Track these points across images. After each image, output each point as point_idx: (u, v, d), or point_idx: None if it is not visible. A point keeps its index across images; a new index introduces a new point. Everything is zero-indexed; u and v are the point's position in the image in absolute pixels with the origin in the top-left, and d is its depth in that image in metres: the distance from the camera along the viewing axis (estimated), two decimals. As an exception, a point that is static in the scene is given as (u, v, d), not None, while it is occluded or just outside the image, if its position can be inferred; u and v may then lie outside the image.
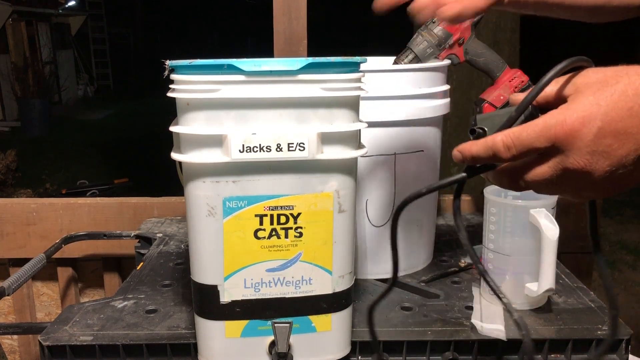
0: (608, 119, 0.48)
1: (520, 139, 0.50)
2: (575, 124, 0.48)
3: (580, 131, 0.48)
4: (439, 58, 1.06)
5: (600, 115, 0.48)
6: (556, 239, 0.82)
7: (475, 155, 0.54)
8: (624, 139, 0.48)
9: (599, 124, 0.48)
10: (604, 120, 0.48)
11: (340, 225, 0.73)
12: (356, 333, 0.82)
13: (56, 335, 0.83)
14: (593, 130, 0.48)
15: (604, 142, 0.48)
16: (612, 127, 0.48)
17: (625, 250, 3.91)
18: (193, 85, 0.67)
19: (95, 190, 5.22)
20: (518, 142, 0.50)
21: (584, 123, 0.48)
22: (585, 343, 0.82)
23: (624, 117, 0.47)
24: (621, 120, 0.48)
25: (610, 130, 0.48)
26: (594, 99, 0.48)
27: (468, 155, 0.54)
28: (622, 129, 0.48)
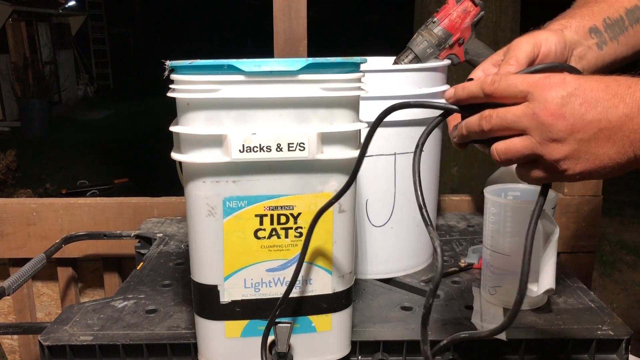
0: (583, 86, 0.54)
1: (504, 79, 0.57)
2: (554, 80, 0.55)
3: (556, 86, 0.55)
4: (439, 58, 1.06)
5: (577, 83, 0.55)
6: (556, 239, 0.82)
7: (466, 87, 0.61)
8: (593, 105, 0.54)
9: (574, 86, 0.55)
10: (578, 87, 0.54)
11: (340, 225, 0.73)
12: (356, 333, 0.82)
13: (56, 335, 0.83)
14: (568, 89, 0.54)
15: (574, 101, 0.54)
16: (585, 94, 0.54)
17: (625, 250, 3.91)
18: (193, 85, 0.67)
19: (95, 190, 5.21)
20: (503, 80, 0.57)
21: (561, 83, 0.55)
22: (585, 343, 0.82)
23: (598, 89, 0.54)
24: (594, 91, 0.54)
25: (583, 95, 0.54)
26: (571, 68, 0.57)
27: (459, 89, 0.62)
28: (593, 98, 0.54)
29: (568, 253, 1.35)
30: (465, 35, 1.05)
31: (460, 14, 1.05)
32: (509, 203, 0.87)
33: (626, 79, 0.55)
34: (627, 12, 0.72)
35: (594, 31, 0.70)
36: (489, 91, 0.58)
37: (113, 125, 9.41)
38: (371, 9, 16.69)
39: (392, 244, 1.02)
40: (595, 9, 0.72)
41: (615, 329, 0.83)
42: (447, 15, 1.05)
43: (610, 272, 3.60)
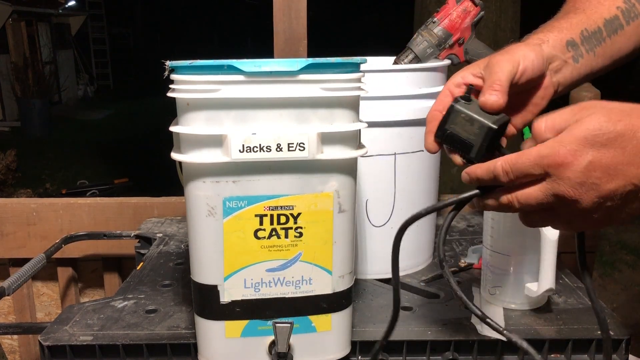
0: (599, 154, 0.51)
1: (517, 166, 0.55)
2: (568, 156, 0.52)
3: (572, 163, 0.52)
4: (439, 58, 1.06)
5: (593, 151, 0.52)
6: (556, 239, 0.82)
7: (479, 177, 0.59)
8: (613, 174, 0.52)
9: (590, 158, 0.52)
10: (595, 156, 0.52)
11: (340, 225, 0.73)
12: (356, 333, 0.82)
13: (56, 335, 0.83)
14: (583, 164, 0.52)
15: (594, 175, 0.52)
16: (602, 163, 0.51)
17: (625, 250, 3.91)
18: (193, 85, 0.67)
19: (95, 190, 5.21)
20: (515, 169, 0.55)
21: (576, 156, 0.52)
22: (585, 343, 0.82)
23: (616, 155, 0.51)
24: (612, 158, 0.51)
25: (601, 165, 0.52)
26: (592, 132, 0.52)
27: (474, 177, 0.60)
28: (612, 165, 0.51)
29: (568, 253, 1.35)
30: (465, 35, 1.05)
31: (460, 14, 1.05)
32: (509, 203, 0.87)
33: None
34: (605, 23, 0.72)
35: (571, 44, 0.70)
36: (505, 181, 0.57)
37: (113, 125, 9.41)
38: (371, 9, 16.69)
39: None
40: (574, 21, 0.72)
41: (615, 329, 0.83)
42: (447, 15, 1.05)
43: (610, 272, 3.60)
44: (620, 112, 0.52)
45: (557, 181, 0.53)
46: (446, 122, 0.62)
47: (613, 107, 0.53)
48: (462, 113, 0.61)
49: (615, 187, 0.52)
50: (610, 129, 0.51)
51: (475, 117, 0.60)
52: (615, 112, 0.52)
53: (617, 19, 0.73)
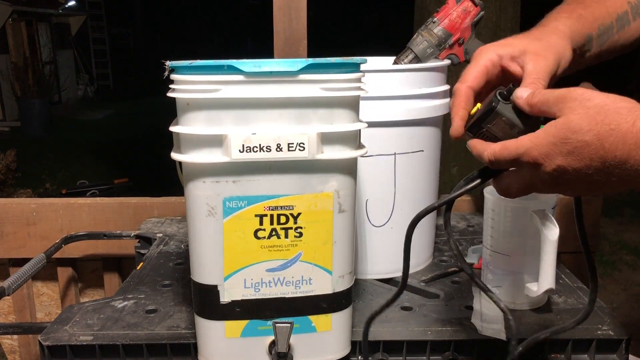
0: (568, 160, 0.55)
1: (501, 157, 0.60)
2: (539, 158, 0.56)
3: (543, 165, 0.57)
4: (439, 58, 1.06)
5: (561, 156, 0.55)
6: (556, 239, 0.82)
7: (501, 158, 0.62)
8: (581, 175, 0.55)
9: (558, 162, 0.56)
10: (563, 161, 0.55)
11: (340, 225, 0.73)
12: (356, 333, 0.82)
13: (56, 335, 0.83)
14: (553, 166, 0.56)
15: (564, 177, 0.56)
16: (570, 167, 0.55)
17: (625, 250, 3.91)
18: (193, 85, 0.67)
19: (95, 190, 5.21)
20: (499, 158, 0.60)
21: (546, 159, 0.56)
22: (585, 343, 0.82)
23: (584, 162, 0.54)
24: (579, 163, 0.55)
25: (569, 169, 0.55)
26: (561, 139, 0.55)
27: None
28: (580, 168, 0.55)
29: (568, 253, 1.35)
30: (465, 35, 1.05)
31: (460, 14, 1.05)
32: (509, 203, 0.87)
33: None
34: (617, 19, 0.72)
35: (589, 39, 0.70)
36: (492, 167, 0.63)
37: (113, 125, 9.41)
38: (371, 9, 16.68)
39: (392, 244, 1.02)
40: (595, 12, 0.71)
41: (615, 329, 0.83)
42: (447, 15, 1.05)
43: (610, 272, 3.60)
44: (594, 118, 0.54)
45: (534, 174, 0.58)
46: (484, 120, 0.62)
47: (591, 106, 0.54)
48: (504, 116, 0.61)
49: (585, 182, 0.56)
50: (578, 137, 0.54)
51: (517, 123, 0.61)
52: (590, 115, 0.54)
53: (626, 14, 0.73)
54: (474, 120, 0.63)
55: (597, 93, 0.55)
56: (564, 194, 0.62)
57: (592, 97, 0.55)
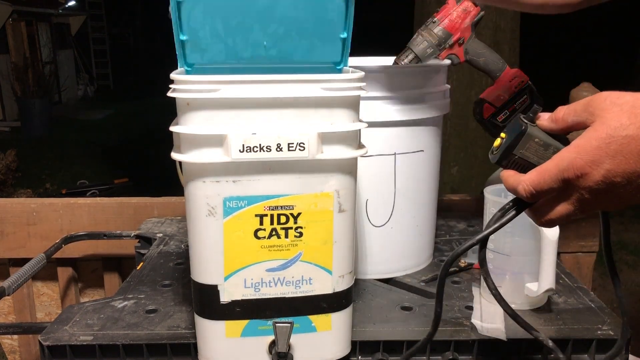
0: (617, 161, 0.53)
1: (539, 186, 0.57)
2: (585, 167, 0.54)
3: (590, 174, 0.54)
4: (439, 58, 1.06)
5: (609, 159, 0.53)
6: (556, 239, 0.82)
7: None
8: (631, 178, 0.53)
9: (607, 166, 0.53)
10: (611, 164, 0.53)
11: (340, 225, 0.73)
12: (356, 333, 0.82)
13: (56, 335, 0.83)
14: (601, 172, 0.53)
15: (614, 181, 0.53)
16: (620, 169, 0.53)
17: (625, 250, 3.91)
18: (193, 85, 0.67)
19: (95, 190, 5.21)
20: (538, 188, 0.57)
21: (592, 166, 0.53)
22: (585, 343, 0.82)
23: (632, 159, 0.52)
24: (628, 163, 0.52)
25: (619, 171, 0.53)
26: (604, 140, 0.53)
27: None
28: (630, 170, 0.53)
29: (568, 253, 1.35)
30: (465, 35, 1.05)
31: (461, 14, 1.05)
32: (509, 203, 0.87)
33: None
34: None
35: None
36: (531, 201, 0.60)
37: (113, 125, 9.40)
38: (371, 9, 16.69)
39: (392, 244, 1.02)
40: None
41: (615, 329, 0.83)
42: (447, 15, 1.05)
43: (611, 272, 3.59)
44: (632, 111, 0.52)
45: (579, 191, 0.55)
46: (515, 147, 0.59)
47: (624, 103, 0.53)
48: (536, 138, 0.58)
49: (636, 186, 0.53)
50: (622, 134, 0.52)
51: (552, 143, 0.58)
52: (625, 111, 0.53)
53: None
54: (504, 150, 0.60)
55: (624, 92, 0.54)
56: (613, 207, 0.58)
57: (622, 95, 0.54)
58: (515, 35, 2.56)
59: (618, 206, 0.57)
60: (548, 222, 0.59)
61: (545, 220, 0.59)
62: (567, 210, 0.57)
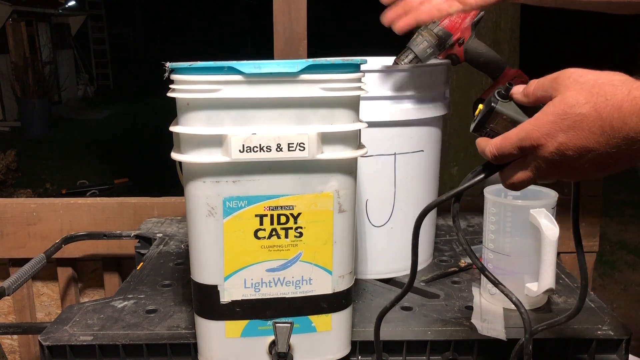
0: (569, 136, 0.56)
1: (501, 150, 0.62)
2: (541, 139, 0.58)
3: (545, 145, 0.58)
4: (439, 58, 1.06)
5: (562, 133, 0.57)
6: (556, 239, 0.82)
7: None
8: (582, 152, 0.57)
9: (560, 139, 0.57)
10: (564, 137, 0.57)
11: (340, 225, 0.73)
12: (356, 333, 0.82)
13: (56, 335, 0.83)
14: (555, 144, 0.57)
15: (567, 154, 0.57)
16: (572, 143, 0.56)
17: (625, 250, 3.91)
18: (193, 85, 0.67)
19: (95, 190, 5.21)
20: (500, 152, 0.62)
21: (547, 138, 0.58)
22: (585, 343, 0.82)
23: (582, 135, 0.56)
24: (579, 139, 0.56)
25: (571, 145, 0.57)
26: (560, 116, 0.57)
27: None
28: (581, 145, 0.56)
29: (568, 253, 1.35)
30: (465, 35, 1.05)
31: (461, 14, 1.05)
32: (509, 203, 0.87)
33: None
34: None
35: None
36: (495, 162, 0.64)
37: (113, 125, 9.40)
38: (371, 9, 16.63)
39: (392, 244, 1.02)
40: None
41: (615, 329, 0.83)
42: (447, 15, 1.05)
43: (610, 272, 3.60)
44: (589, 91, 0.56)
45: (536, 159, 0.60)
46: (486, 121, 0.64)
47: (585, 81, 0.56)
48: (504, 115, 0.63)
49: (588, 160, 0.57)
50: (576, 111, 0.56)
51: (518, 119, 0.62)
52: (584, 90, 0.56)
53: None
54: (477, 122, 0.65)
55: (589, 70, 0.58)
56: (570, 178, 0.62)
57: (585, 74, 0.57)
58: (515, 35, 2.56)
59: (574, 177, 0.62)
60: (511, 185, 0.64)
61: (509, 183, 0.64)
62: (526, 177, 0.62)
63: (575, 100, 0.56)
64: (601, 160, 0.57)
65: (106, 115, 10.21)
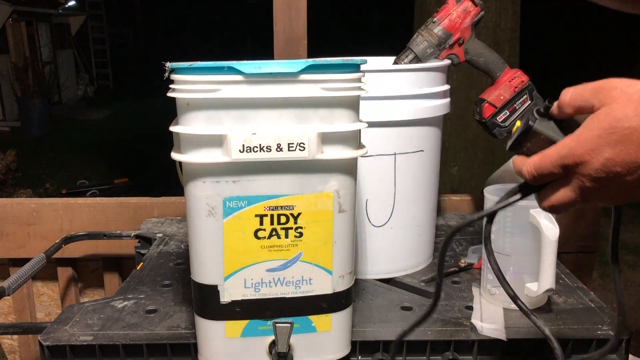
0: (617, 150, 0.52)
1: (540, 169, 0.57)
2: (585, 155, 0.53)
3: (589, 161, 0.53)
4: (439, 58, 1.06)
5: (609, 148, 0.52)
6: (556, 239, 0.82)
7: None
8: (631, 167, 0.52)
9: (607, 155, 0.53)
10: (611, 153, 0.52)
11: (340, 225, 0.73)
12: (356, 333, 0.82)
13: (56, 335, 0.83)
14: (601, 160, 0.53)
15: (614, 170, 0.53)
16: (620, 158, 0.52)
17: (625, 250, 3.91)
18: (193, 85, 0.67)
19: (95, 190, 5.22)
20: (539, 171, 0.57)
21: (592, 155, 0.53)
22: (585, 343, 0.82)
23: (633, 150, 0.52)
24: (629, 153, 0.52)
25: (619, 160, 0.52)
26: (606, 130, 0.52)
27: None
28: (630, 160, 0.52)
29: (568, 253, 1.35)
30: (465, 35, 1.05)
31: (460, 14, 1.05)
32: (509, 203, 0.87)
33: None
34: None
35: None
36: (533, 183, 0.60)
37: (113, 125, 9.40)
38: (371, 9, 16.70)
39: (392, 244, 1.02)
40: None
41: (615, 329, 0.83)
42: (447, 15, 1.05)
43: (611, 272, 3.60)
44: (638, 102, 0.52)
45: (579, 178, 0.55)
46: (523, 140, 0.60)
47: (633, 93, 0.53)
48: (542, 134, 0.59)
49: (637, 177, 0.53)
50: (625, 125, 0.52)
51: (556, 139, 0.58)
52: (633, 101, 0.52)
53: None
54: (514, 141, 0.61)
55: (635, 80, 0.54)
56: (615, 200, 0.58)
57: (633, 84, 0.53)
58: (515, 35, 2.56)
59: (621, 199, 0.57)
60: (551, 207, 0.59)
61: (548, 205, 0.59)
62: (568, 197, 0.57)
63: (623, 113, 0.52)
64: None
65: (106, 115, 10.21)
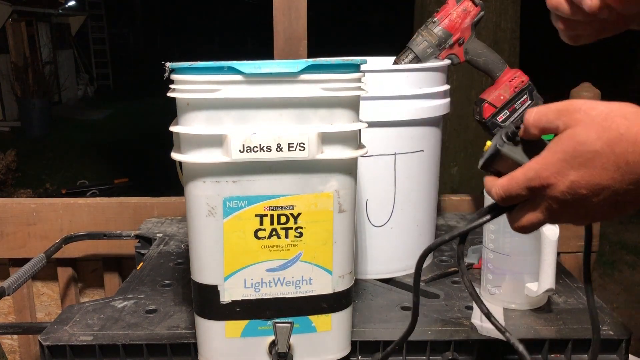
0: (581, 173, 0.53)
1: (508, 191, 0.58)
2: (550, 178, 0.54)
3: (555, 184, 0.54)
4: (439, 58, 1.06)
5: (574, 171, 0.53)
6: (556, 239, 0.82)
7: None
8: (596, 190, 0.53)
9: (572, 178, 0.53)
10: (576, 175, 0.53)
11: (340, 225, 0.73)
12: (356, 333, 0.82)
13: (56, 335, 0.83)
14: (566, 183, 0.53)
15: (579, 192, 0.53)
16: (584, 181, 0.53)
17: (625, 250, 3.91)
18: (193, 85, 0.67)
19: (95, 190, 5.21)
20: (507, 193, 0.58)
21: (558, 177, 0.54)
22: (585, 343, 0.82)
23: (595, 173, 0.52)
24: (592, 176, 0.52)
25: (584, 183, 0.53)
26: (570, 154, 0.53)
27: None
28: (594, 182, 0.52)
29: (568, 253, 1.35)
30: (465, 35, 1.05)
31: (460, 14, 1.05)
32: (509, 203, 0.87)
33: None
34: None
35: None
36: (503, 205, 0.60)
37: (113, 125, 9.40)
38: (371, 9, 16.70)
39: (392, 244, 1.02)
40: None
41: (615, 329, 0.83)
42: (447, 15, 1.05)
43: (610, 272, 3.60)
44: (601, 125, 0.52)
45: (547, 200, 0.56)
46: (492, 162, 0.61)
47: (596, 116, 0.53)
48: (510, 158, 0.59)
49: (602, 198, 0.54)
50: (588, 149, 0.52)
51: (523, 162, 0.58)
52: (596, 124, 0.52)
53: None
54: (484, 161, 0.62)
55: (600, 102, 0.54)
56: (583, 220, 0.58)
57: (596, 106, 0.53)
58: (515, 35, 2.56)
59: (587, 218, 0.58)
60: (520, 228, 0.60)
61: (518, 226, 0.60)
62: (537, 218, 0.58)
63: (586, 136, 0.52)
64: (617, 198, 0.53)
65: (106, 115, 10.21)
